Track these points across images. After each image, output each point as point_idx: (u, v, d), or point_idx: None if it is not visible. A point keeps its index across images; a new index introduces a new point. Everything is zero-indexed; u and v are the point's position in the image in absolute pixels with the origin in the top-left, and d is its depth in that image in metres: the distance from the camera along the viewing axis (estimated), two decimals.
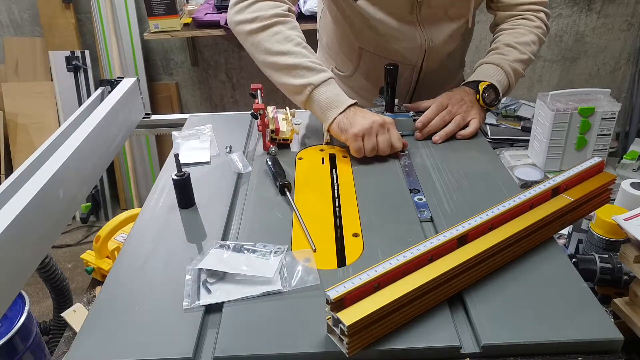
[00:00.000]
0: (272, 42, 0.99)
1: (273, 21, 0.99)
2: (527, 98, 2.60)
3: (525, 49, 1.11)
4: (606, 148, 1.76)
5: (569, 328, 0.58)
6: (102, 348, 0.59)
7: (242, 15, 1.01)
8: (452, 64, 1.25)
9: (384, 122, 0.96)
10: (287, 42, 0.98)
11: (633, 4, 2.66)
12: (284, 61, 0.97)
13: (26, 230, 0.78)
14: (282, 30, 0.99)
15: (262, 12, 0.99)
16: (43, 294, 2.23)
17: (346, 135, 0.95)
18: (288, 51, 0.97)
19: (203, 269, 0.68)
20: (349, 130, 0.94)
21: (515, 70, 1.10)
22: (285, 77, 0.98)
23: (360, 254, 0.72)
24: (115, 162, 2.80)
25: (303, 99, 0.98)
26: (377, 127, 0.95)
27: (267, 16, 0.99)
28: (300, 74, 0.97)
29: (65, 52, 2.66)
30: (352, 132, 0.94)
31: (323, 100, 0.97)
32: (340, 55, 1.25)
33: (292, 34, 1.00)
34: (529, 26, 1.14)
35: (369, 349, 0.56)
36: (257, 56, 1.02)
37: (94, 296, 1.08)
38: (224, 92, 2.92)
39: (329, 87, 0.98)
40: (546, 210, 0.72)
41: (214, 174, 0.95)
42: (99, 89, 1.34)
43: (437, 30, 1.12)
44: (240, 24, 1.02)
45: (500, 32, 1.16)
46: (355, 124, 0.94)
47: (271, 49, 0.98)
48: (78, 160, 0.97)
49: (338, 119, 0.96)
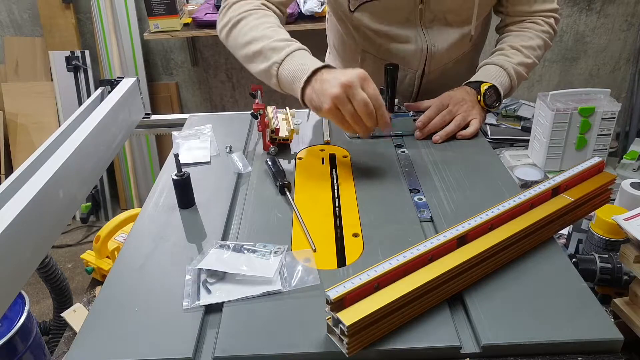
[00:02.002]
0: (240, 36, 0.97)
1: (241, 17, 0.98)
2: (527, 98, 2.60)
3: (530, 53, 1.10)
4: (606, 148, 1.76)
5: (569, 328, 0.58)
6: (102, 348, 0.59)
7: (223, 20, 1.02)
8: (461, 70, 1.22)
9: (353, 80, 0.80)
10: (252, 31, 0.96)
11: (633, 4, 2.66)
12: (252, 49, 0.94)
13: (26, 230, 0.78)
14: (248, 22, 0.97)
15: (234, 12, 1.00)
16: (43, 294, 2.23)
17: (322, 113, 0.85)
18: (253, 38, 0.94)
19: (203, 269, 0.68)
20: (322, 107, 0.83)
21: (519, 73, 1.09)
22: (257, 64, 0.94)
23: (360, 254, 0.72)
24: (115, 162, 2.81)
25: (274, 80, 0.91)
26: (348, 89, 0.80)
27: (237, 14, 0.99)
28: (267, 57, 0.91)
29: (65, 52, 2.66)
30: (325, 108, 0.82)
31: (289, 75, 0.88)
32: (344, 56, 1.25)
33: (258, 22, 0.97)
34: (536, 30, 1.13)
35: (369, 349, 0.56)
36: (237, 54, 1.00)
37: (94, 296, 1.08)
38: (224, 92, 2.92)
39: (293, 59, 0.89)
40: (546, 210, 0.72)
41: (214, 174, 0.95)
42: (99, 89, 1.34)
43: (440, 37, 1.11)
44: (222, 29, 1.03)
45: (507, 34, 1.15)
46: (324, 96, 0.81)
47: (240, 42, 0.97)
48: (78, 160, 0.97)
49: (308, 94, 0.85)
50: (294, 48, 0.90)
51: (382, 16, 1.07)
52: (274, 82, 0.93)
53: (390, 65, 1.03)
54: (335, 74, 0.83)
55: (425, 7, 1.05)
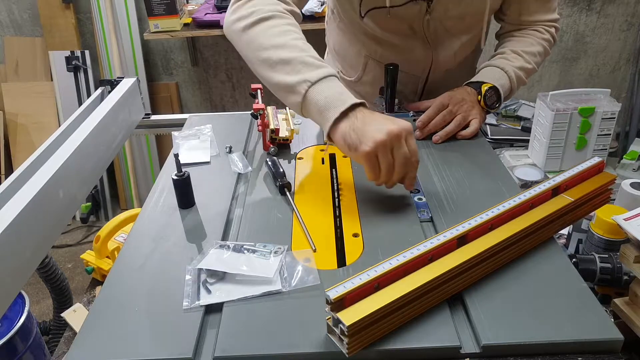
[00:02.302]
0: (267, 36, 0.86)
1: (270, 14, 0.89)
2: (527, 98, 2.60)
3: (530, 59, 1.11)
4: (606, 148, 1.76)
5: (569, 328, 0.58)
6: (102, 348, 0.59)
7: (238, 12, 0.92)
8: (462, 72, 1.23)
9: (401, 131, 0.75)
10: (283, 35, 0.86)
11: (633, 4, 2.66)
12: (278, 55, 0.83)
13: (26, 230, 0.78)
14: (279, 23, 0.88)
15: (260, 7, 0.90)
16: (43, 294, 2.23)
17: (356, 154, 0.76)
18: (284, 44, 0.84)
19: (203, 269, 0.68)
20: (359, 148, 0.75)
21: (519, 77, 1.09)
22: (279, 74, 0.83)
23: (360, 254, 0.72)
24: (115, 162, 2.81)
25: (298, 99, 0.81)
26: (395, 139, 0.74)
27: (265, 10, 0.89)
28: (295, 69, 0.82)
29: (65, 52, 2.66)
30: (364, 150, 0.74)
31: (321, 100, 0.79)
32: (346, 60, 1.25)
33: (290, 28, 0.88)
34: (537, 37, 1.13)
35: (369, 349, 0.56)
36: (249, 55, 0.89)
37: (94, 296, 1.08)
38: (224, 92, 2.92)
39: (329, 84, 0.81)
40: (546, 210, 0.72)
41: (214, 174, 0.95)
42: (99, 89, 1.34)
43: (444, 45, 1.12)
44: (236, 22, 0.91)
45: (509, 39, 1.15)
46: (365, 137, 0.74)
47: (265, 43, 0.86)
48: (78, 160, 0.97)
49: (342, 129, 0.77)
50: (330, 72, 0.82)
51: (389, 24, 1.07)
52: (295, 101, 0.82)
53: (391, 65, 1.03)
54: (382, 118, 0.77)
55: (431, 17, 1.05)
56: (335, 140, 0.79)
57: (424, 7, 1.03)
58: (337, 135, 0.78)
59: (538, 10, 1.12)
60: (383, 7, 1.02)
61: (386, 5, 1.01)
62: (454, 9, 1.04)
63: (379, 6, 1.03)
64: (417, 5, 1.02)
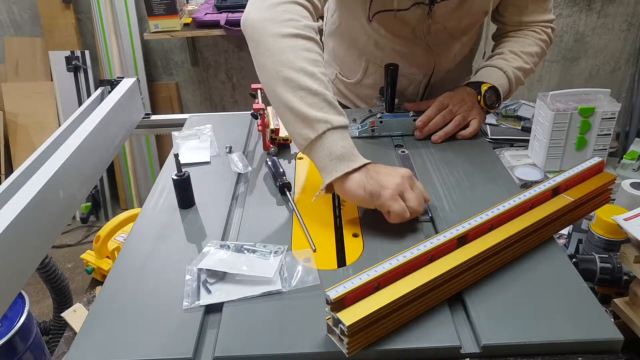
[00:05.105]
0: (299, 57, 0.82)
1: (308, 34, 0.84)
2: (527, 98, 2.60)
3: (529, 59, 1.11)
4: (606, 148, 1.76)
5: (568, 328, 0.58)
6: (102, 348, 0.59)
7: (271, 11, 0.85)
8: (461, 71, 1.26)
9: (409, 172, 0.80)
10: (314, 64, 0.83)
11: (633, 4, 2.66)
12: (304, 82, 0.80)
13: (26, 230, 0.78)
14: (314, 49, 0.85)
15: (297, 15, 0.85)
16: (43, 294, 2.23)
17: (381, 200, 0.76)
18: (313, 74, 0.81)
19: (203, 269, 0.68)
20: (382, 193, 0.76)
21: (517, 77, 1.10)
22: (299, 100, 0.80)
23: (360, 254, 0.72)
24: (115, 162, 2.81)
25: (311, 135, 0.79)
26: (406, 181, 0.78)
27: (302, 26, 0.84)
28: (319, 106, 0.79)
29: (65, 52, 2.66)
30: (388, 193, 0.76)
31: (337, 148, 0.78)
32: (346, 62, 1.25)
33: (320, 59, 0.86)
34: (534, 37, 1.14)
35: (369, 349, 0.56)
36: (268, 62, 0.83)
37: (94, 296, 1.08)
38: (224, 92, 2.92)
39: (345, 134, 0.81)
40: (546, 210, 0.72)
41: (214, 174, 0.95)
42: (99, 89, 1.34)
43: (445, 48, 1.14)
44: (267, 21, 0.85)
45: (506, 39, 1.16)
46: (385, 183, 0.77)
47: (295, 63, 0.81)
48: (78, 160, 0.97)
49: (357, 179, 0.77)
50: (347, 123, 0.82)
51: (394, 27, 1.09)
52: (306, 135, 0.80)
53: (391, 65, 1.03)
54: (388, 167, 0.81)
55: (432, 21, 1.06)
56: (345, 189, 0.78)
57: (426, 11, 1.04)
58: (350, 185, 0.77)
59: (534, 11, 1.13)
60: (390, 10, 1.04)
61: (394, 8, 1.03)
62: (454, 12, 1.05)
63: (386, 9, 1.05)
64: (420, 9, 1.04)
